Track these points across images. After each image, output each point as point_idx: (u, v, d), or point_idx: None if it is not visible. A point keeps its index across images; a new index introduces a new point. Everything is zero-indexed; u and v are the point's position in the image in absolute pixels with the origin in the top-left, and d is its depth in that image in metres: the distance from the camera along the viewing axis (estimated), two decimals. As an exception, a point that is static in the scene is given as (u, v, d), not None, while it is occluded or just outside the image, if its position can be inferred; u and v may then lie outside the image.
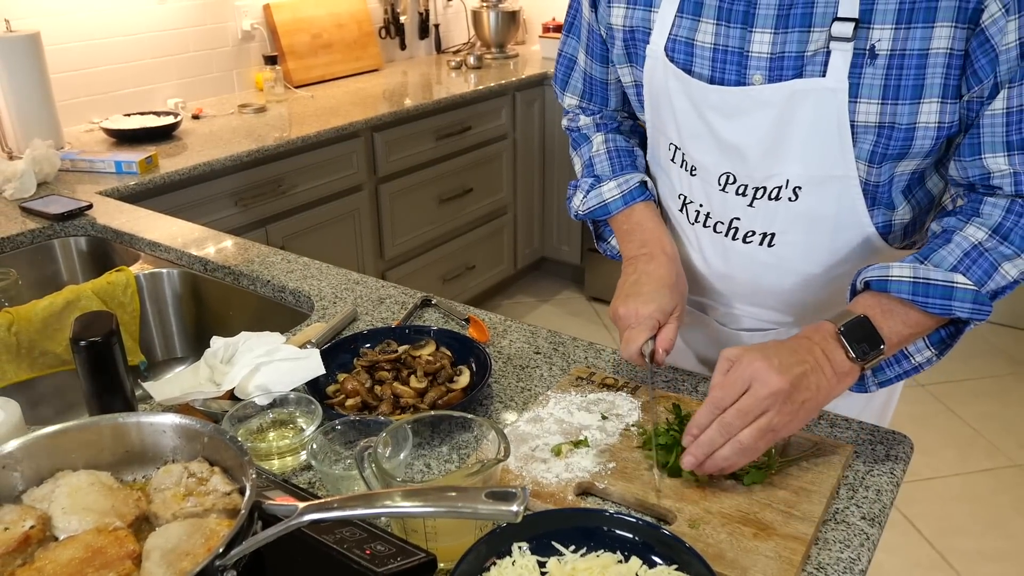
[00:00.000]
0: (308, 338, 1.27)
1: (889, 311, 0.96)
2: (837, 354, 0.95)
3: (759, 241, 1.12)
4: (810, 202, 1.07)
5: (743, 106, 1.05)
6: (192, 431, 0.83)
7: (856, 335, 0.95)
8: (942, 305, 0.95)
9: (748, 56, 1.03)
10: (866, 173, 1.04)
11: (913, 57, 0.95)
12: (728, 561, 0.84)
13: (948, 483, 2.78)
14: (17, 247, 1.84)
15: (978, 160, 0.98)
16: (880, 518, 0.92)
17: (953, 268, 0.96)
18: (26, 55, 2.32)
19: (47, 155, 2.16)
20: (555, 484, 0.95)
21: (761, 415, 0.90)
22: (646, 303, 1.10)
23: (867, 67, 0.97)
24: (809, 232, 1.10)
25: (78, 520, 0.75)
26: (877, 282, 0.98)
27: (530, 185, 3.81)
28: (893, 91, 0.97)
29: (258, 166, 2.54)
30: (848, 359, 0.95)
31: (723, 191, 1.12)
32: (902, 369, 1.04)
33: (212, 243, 1.74)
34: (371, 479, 0.88)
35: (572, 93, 1.33)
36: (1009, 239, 0.97)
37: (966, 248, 0.97)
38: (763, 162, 1.07)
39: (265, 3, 3.26)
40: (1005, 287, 0.97)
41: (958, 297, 0.95)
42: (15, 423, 0.95)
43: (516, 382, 1.20)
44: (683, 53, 1.09)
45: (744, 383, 0.92)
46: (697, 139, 1.12)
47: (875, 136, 1.00)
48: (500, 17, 3.91)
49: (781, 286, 1.16)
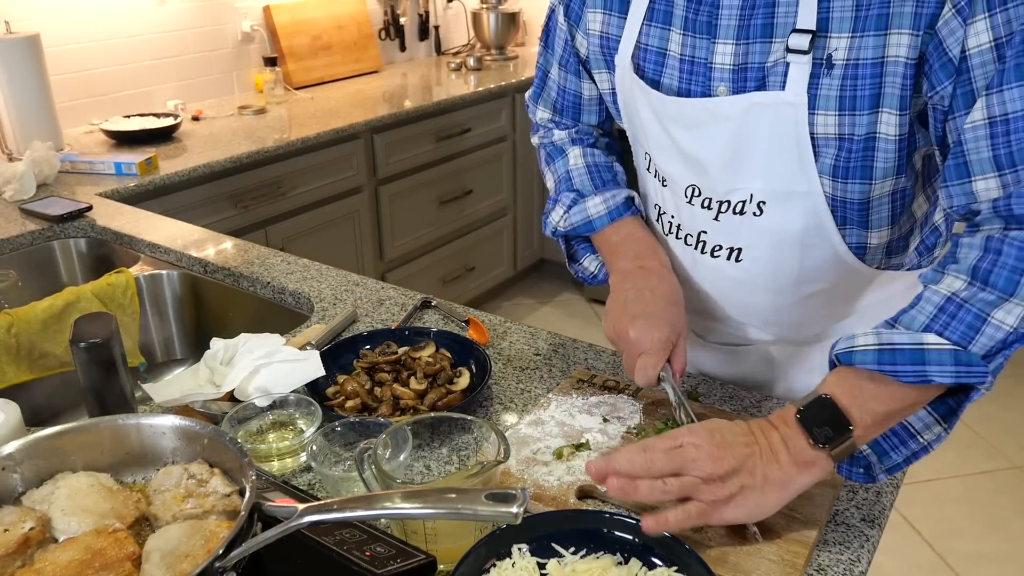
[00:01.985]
0: (308, 340, 1.27)
1: (858, 388, 0.84)
2: (797, 440, 0.84)
3: (726, 255, 1.08)
4: (775, 218, 1.02)
5: (701, 119, 1.02)
6: (192, 433, 0.83)
7: (817, 418, 0.84)
8: (914, 372, 0.81)
9: (712, 67, 1.00)
10: (831, 188, 0.98)
11: (867, 66, 0.90)
12: (730, 564, 0.84)
13: (948, 485, 2.78)
14: (17, 248, 1.83)
15: (967, 183, 0.86)
16: (880, 520, 0.92)
17: (925, 328, 0.83)
18: (26, 57, 2.32)
19: (47, 157, 2.16)
20: (556, 487, 0.95)
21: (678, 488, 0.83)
22: (660, 326, 1.03)
23: (824, 77, 0.92)
24: (776, 248, 1.04)
25: (78, 522, 0.75)
26: (843, 354, 0.86)
27: (530, 187, 3.81)
28: (849, 102, 0.92)
29: (258, 168, 2.54)
30: (811, 447, 0.83)
31: (690, 203, 1.09)
32: (910, 451, 0.91)
33: (212, 245, 1.74)
34: (371, 481, 0.88)
35: (544, 107, 1.29)
36: (990, 283, 0.82)
37: (938, 302, 0.84)
38: (725, 175, 1.03)
39: (265, 5, 3.26)
40: (1008, 341, 0.81)
41: (932, 360, 0.81)
42: (15, 425, 0.95)
43: (516, 384, 1.19)
44: (653, 63, 1.05)
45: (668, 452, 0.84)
46: (663, 150, 1.09)
47: (836, 149, 0.95)
48: (500, 19, 3.91)
49: (751, 303, 1.12)
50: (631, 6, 1.07)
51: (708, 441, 0.84)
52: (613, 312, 1.08)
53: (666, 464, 0.84)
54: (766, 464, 0.84)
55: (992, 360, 0.82)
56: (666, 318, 1.04)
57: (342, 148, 2.80)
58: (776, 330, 1.17)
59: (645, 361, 1.01)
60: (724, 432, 0.86)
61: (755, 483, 0.83)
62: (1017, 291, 0.81)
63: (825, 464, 0.85)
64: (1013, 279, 0.81)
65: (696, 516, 0.83)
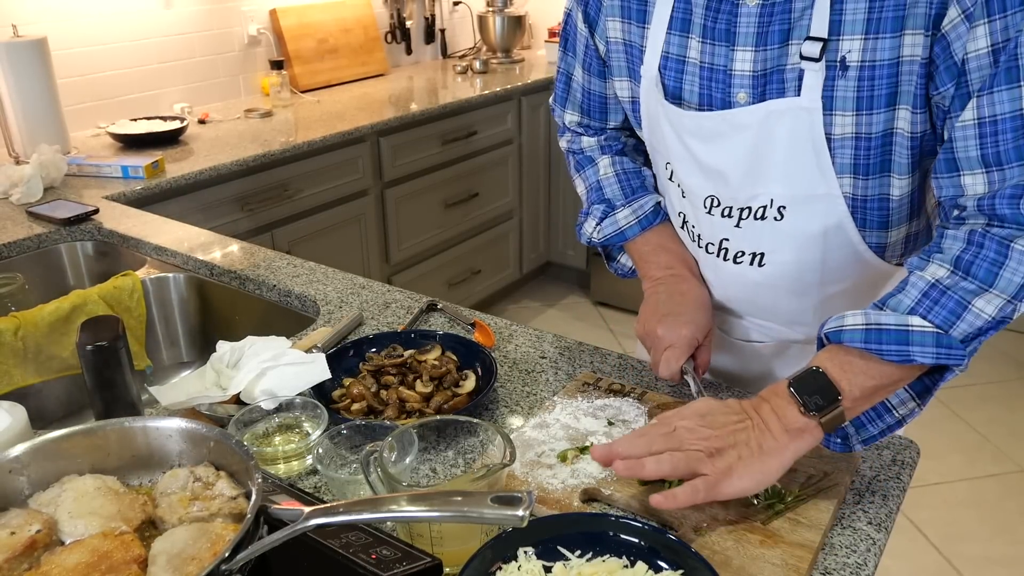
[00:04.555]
0: (314, 342, 1.27)
1: (847, 363, 0.89)
2: (789, 410, 0.89)
3: (749, 261, 1.11)
4: (796, 222, 1.05)
5: (720, 130, 1.04)
6: (198, 435, 0.83)
7: (807, 387, 0.88)
8: (899, 351, 0.86)
9: (732, 75, 1.02)
10: (852, 188, 1.01)
11: (884, 67, 0.93)
12: (735, 568, 0.83)
13: (955, 488, 2.77)
14: (24, 251, 1.84)
15: (955, 177, 0.92)
16: (887, 523, 0.92)
17: (910, 311, 0.88)
18: (33, 60, 2.33)
19: (54, 160, 2.16)
20: (561, 490, 0.95)
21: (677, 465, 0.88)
22: (687, 323, 1.11)
23: (839, 79, 0.95)
24: (799, 251, 1.07)
25: (84, 524, 0.75)
26: (832, 333, 0.91)
27: (536, 190, 3.81)
28: (867, 102, 0.95)
29: (264, 171, 2.55)
30: (802, 414, 0.88)
31: (709, 214, 1.12)
32: (885, 424, 0.96)
33: (218, 247, 1.75)
34: (377, 483, 0.88)
35: (572, 109, 1.30)
36: (971, 273, 0.88)
37: (923, 288, 0.89)
38: (745, 183, 1.06)
39: (271, 8, 3.27)
40: (984, 328, 0.87)
41: (915, 341, 0.86)
42: (21, 427, 0.95)
43: (522, 386, 1.19)
44: (674, 72, 1.08)
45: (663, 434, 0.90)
46: (682, 162, 1.12)
47: (852, 149, 0.98)
48: (506, 22, 3.92)
49: (776, 304, 1.16)
50: (653, 16, 1.08)
51: (699, 422, 0.91)
52: (645, 314, 1.17)
53: (664, 444, 0.89)
54: (759, 435, 0.89)
55: (969, 344, 0.88)
56: (693, 317, 1.12)
57: (348, 151, 2.80)
58: (800, 329, 1.20)
59: (669, 354, 1.09)
60: (715, 413, 0.92)
61: (751, 452, 0.88)
62: (996, 283, 0.87)
63: (815, 432, 0.89)
64: (992, 271, 0.87)
65: (704, 490, 0.86)
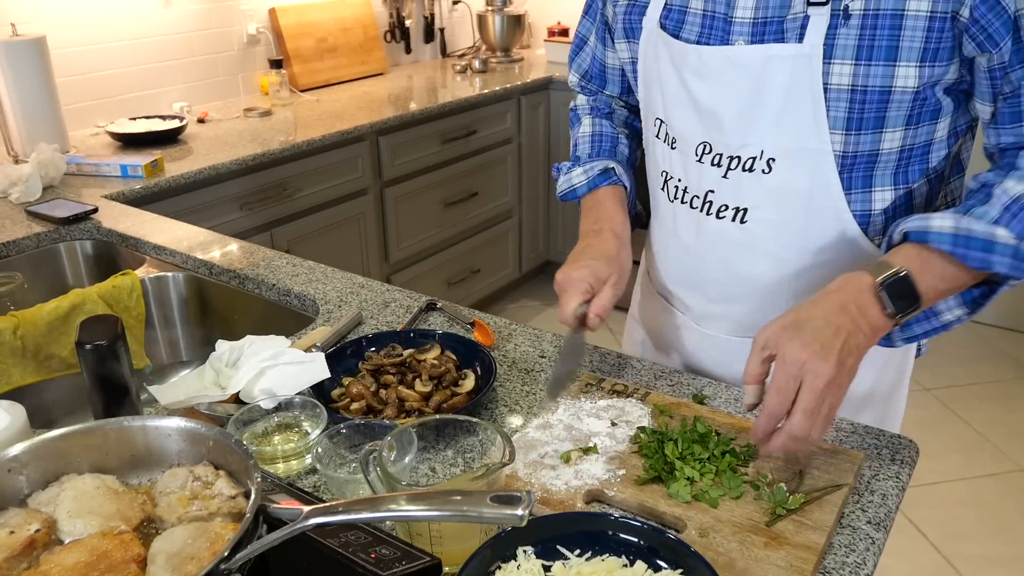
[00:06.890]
0: (313, 342, 1.27)
1: (928, 265, 0.93)
2: (872, 309, 0.92)
3: (732, 216, 1.13)
4: (783, 176, 1.07)
5: (720, 67, 1.07)
6: (197, 435, 0.83)
7: (897, 291, 0.92)
8: (982, 259, 0.92)
9: (732, 21, 1.05)
10: (842, 144, 1.03)
11: (886, 17, 0.95)
12: (739, 570, 0.83)
13: (954, 488, 2.77)
14: (23, 251, 1.84)
15: (1019, 127, 0.96)
16: (886, 522, 0.92)
17: (995, 222, 0.93)
18: (32, 59, 2.33)
19: (53, 159, 2.16)
20: (564, 491, 0.95)
21: (822, 404, 0.89)
22: (580, 268, 1.13)
23: (841, 27, 0.98)
24: (781, 210, 1.09)
25: (83, 524, 0.75)
26: (916, 233, 0.95)
27: (535, 189, 3.81)
28: (866, 52, 0.97)
29: (263, 170, 2.55)
30: (884, 315, 0.93)
31: (699, 161, 1.14)
32: (931, 326, 1.02)
33: (217, 247, 1.75)
34: (376, 483, 0.88)
35: (576, 71, 1.39)
36: None
37: (1006, 202, 0.93)
38: (739, 128, 1.08)
39: (271, 7, 3.27)
40: None
41: (998, 251, 0.92)
42: (20, 427, 0.95)
43: (521, 386, 1.19)
44: (675, 21, 1.12)
45: (795, 381, 0.89)
46: (679, 107, 1.14)
47: (848, 102, 1.00)
48: (505, 21, 3.92)
49: (753, 272, 1.16)
50: None
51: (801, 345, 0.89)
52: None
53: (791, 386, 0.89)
54: (857, 339, 0.91)
55: None
56: (589, 264, 1.13)
57: (347, 150, 2.80)
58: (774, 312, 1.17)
59: (563, 298, 1.12)
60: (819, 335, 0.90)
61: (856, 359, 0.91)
62: None
63: (887, 330, 0.94)
64: None
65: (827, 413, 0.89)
